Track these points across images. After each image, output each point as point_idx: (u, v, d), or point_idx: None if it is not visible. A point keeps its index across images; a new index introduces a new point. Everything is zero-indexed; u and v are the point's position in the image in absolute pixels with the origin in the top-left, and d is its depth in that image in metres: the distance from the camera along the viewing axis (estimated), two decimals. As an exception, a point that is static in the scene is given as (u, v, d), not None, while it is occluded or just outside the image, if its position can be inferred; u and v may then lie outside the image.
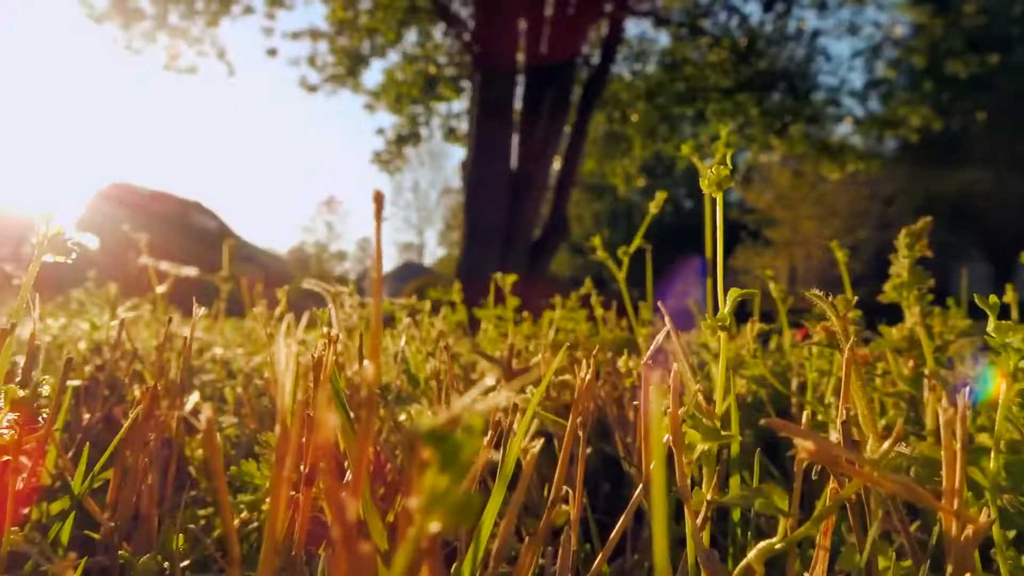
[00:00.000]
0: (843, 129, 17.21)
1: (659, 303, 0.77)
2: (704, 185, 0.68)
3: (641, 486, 0.56)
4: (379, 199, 0.29)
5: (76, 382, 0.97)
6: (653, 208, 1.53)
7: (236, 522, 0.81)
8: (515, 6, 12.32)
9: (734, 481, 0.68)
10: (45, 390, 0.48)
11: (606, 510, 1.20)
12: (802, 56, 16.20)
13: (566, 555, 0.67)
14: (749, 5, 19.35)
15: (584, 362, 0.61)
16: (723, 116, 15.42)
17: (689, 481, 0.54)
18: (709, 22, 15.02)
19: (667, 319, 0.72)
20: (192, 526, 0.71)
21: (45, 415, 0.49)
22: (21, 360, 0.83)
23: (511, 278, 2.21)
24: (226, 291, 2.57)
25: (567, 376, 1.22)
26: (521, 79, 12.81)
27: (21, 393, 0.46)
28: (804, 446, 0.39)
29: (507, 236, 11.71)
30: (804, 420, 0.74)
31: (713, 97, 15.36)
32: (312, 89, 16.43)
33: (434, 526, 0.22)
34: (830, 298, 0.70)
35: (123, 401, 1.14)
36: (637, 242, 1.52)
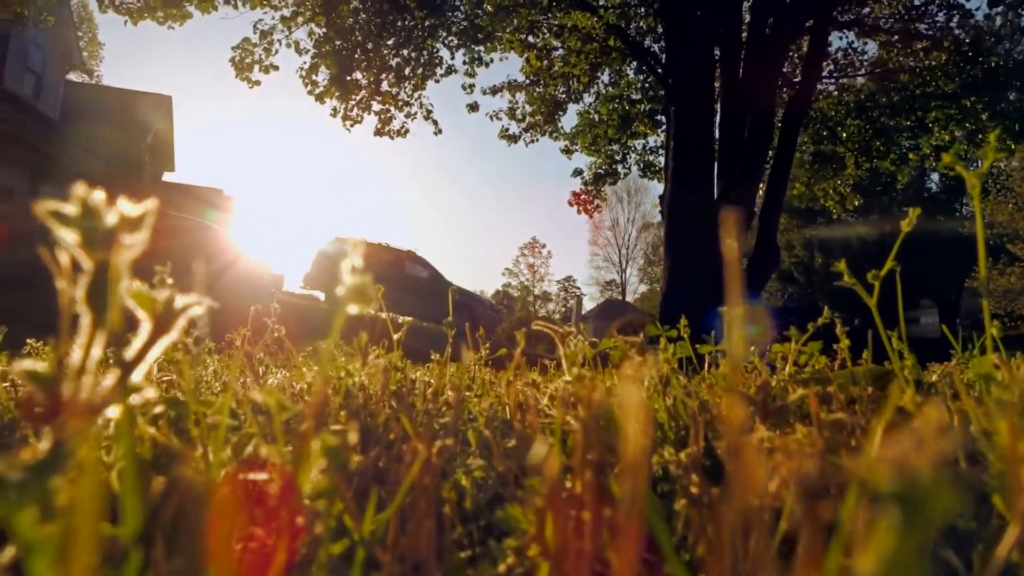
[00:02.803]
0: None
1: None
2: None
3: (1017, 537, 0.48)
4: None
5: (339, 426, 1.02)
6: (905, 226, 1.40)
7: (502, 567, 0.81)
8: (708, 35, 12.13)
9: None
10: (352, 437, 0.49)
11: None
12: (1040, 48, 14.47)
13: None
14: (972, 1, 17.48)
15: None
16: (948, 124, 14.12)
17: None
18: (924, 25, 13.87)
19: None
20: (470, 571, 0.71)
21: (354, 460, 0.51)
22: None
23: (738, 310, 2.10)
24: (450, 335, 2.67)
25: (841, 415, 1.13)
26: (718, 107, 12.53)
27: (333, 440, 0.48)
28: None
29: (711, 267, 11.37)
30: None
31: (935, 104, 14.11)
32: (513, 140, 17.07)
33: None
34: None
35: (380, 444, 1.19)
36: (889, 264, 1.39)
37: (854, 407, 1.28)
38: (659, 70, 13.68)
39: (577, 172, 18.01)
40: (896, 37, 14.05)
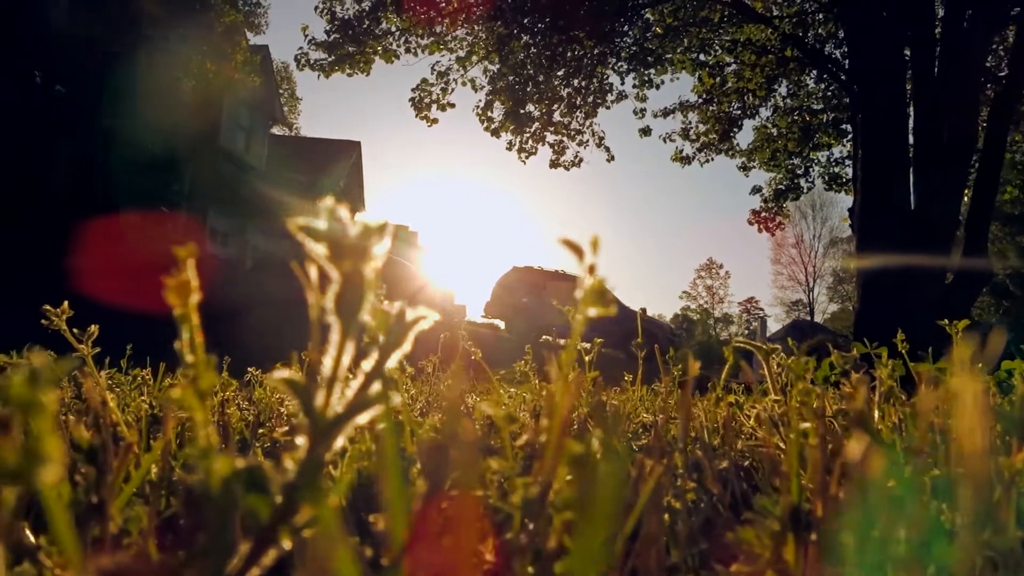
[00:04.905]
0: None
1: None
2: None
3: None
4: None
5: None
6: None
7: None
8: (896, 34, 11.34)
9: None
10: (595, 444, 0.48)
11: None
12: None
13: None
14: None
15: None
16: None
17: None
18: None
19: None
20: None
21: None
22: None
23: (962, 323, 1.92)
24: (641, 357, 2.65)
25: None
26: (911, 110, 11.64)
27: (578, 449, 0.47)
28: None
29: (911, 283, 10.50)
30: None
31: None
32: (687, 161, 16.74)
33: None
34: None
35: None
36: None
37: None
38: (842, 76, 12.96)
39: (756, 189, 17.37)
40: None
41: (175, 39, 14.39)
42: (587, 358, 2.16)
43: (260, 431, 1.95)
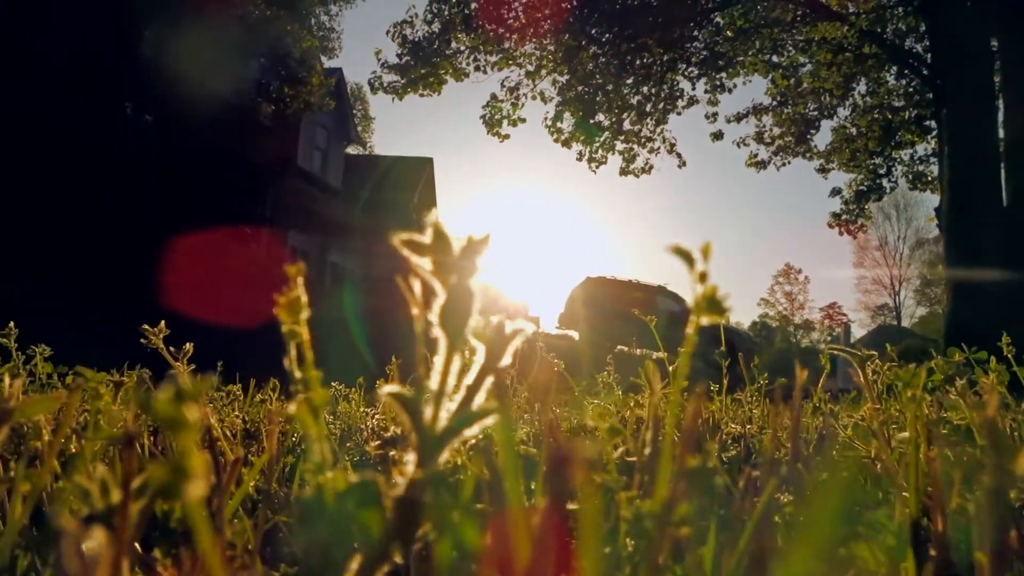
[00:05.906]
0: None
1: None
2: None
3: None
4: None
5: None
6: None
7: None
8: (982, 23, 10.88)
9: None
10: (711, 460, 0.47)
11: None
12: None
13: None
14: None
15: None
16: None
17: None
18: None
19: None
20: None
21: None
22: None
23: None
24: (725, 366, 2.62)
25: None
26: (1000, 103, 11.14)
27: (693, 462, 0.46)
28: None
29: (1005, 284, 10.00)
30: None
31: None
32: (762, 166, 16.38)
33: None
34: None
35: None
36: None
37: None
38: (925, 71, 12.51)
39: (835, 191, 16.85)
40: None
41: (255, 66, 14.95)
42: (670, 368, 2.12)
43: (347, 444, 1.98)
